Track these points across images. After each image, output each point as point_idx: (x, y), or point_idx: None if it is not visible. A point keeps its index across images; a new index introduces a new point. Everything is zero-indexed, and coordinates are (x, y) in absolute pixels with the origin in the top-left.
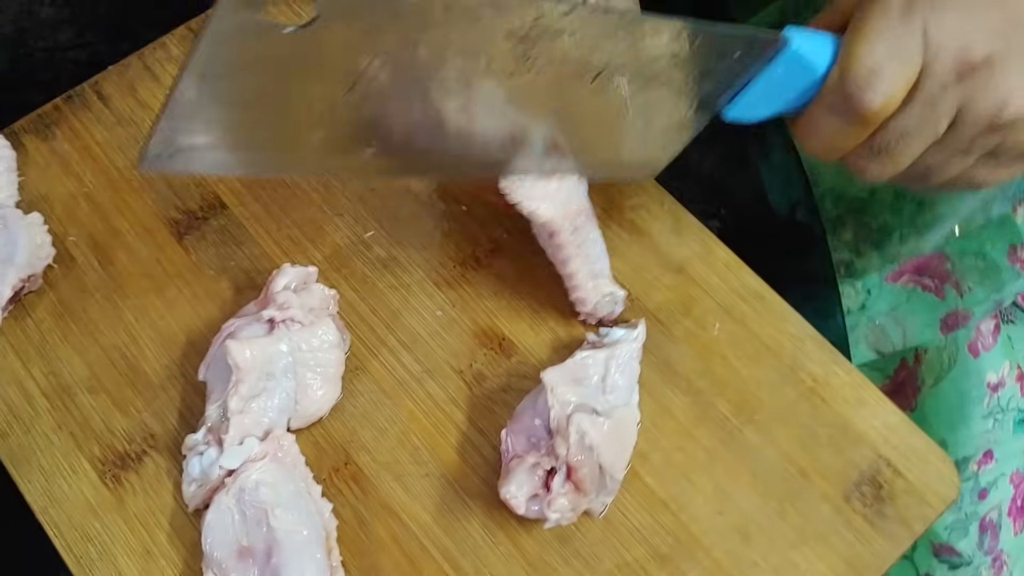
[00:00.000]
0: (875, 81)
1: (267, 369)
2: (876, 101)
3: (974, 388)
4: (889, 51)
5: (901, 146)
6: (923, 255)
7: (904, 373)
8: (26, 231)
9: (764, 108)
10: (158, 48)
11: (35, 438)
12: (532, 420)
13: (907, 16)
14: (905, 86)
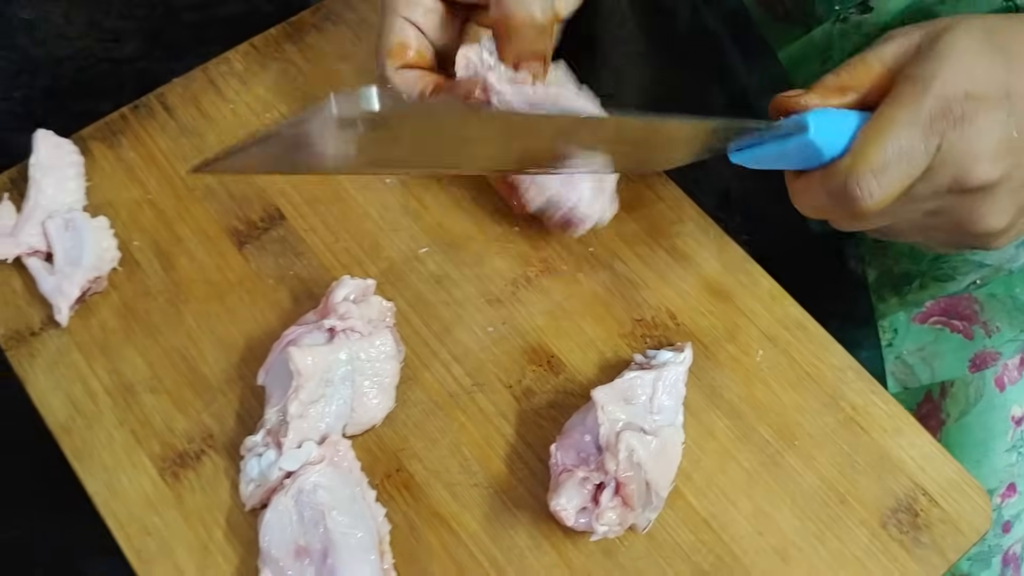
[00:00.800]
0: (877, 184)
1: (326, 376)
2: (870, 203)
3: (999, 422)
4: (902, 160)
5: (876, 219)
6: (950, 296)
7: (929, 406)
8: (93, 234)
9: (767, 165)
10: (222, 63)
11: (97, 434)
12: (582, 436)
13: (930, 131)
14: (901, 196)
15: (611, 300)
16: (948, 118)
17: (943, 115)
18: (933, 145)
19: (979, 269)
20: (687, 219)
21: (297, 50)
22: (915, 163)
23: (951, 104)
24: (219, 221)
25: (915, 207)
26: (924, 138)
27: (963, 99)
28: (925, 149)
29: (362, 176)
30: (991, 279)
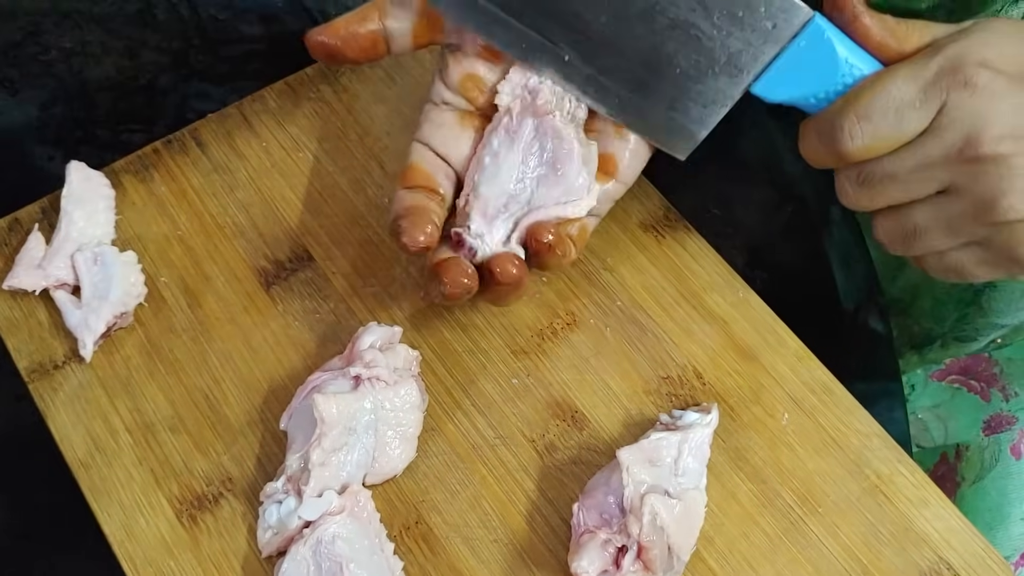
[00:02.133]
0: (859, 128)
1: (350, 424)
2: (849, 146)
3: (1015, 489)
4: (890, 110)
5: (883, 186)
6: (970, 355)
7: (944, 468)
8: (121, 269)
9: (785, 91)
10: (256, 100)
11: (116, 472)
12: (605, 497)
13: (931, 88)
14: (888, 146)
15: (637, 355)
16: (955, 78)
17: (950, 74)
18: (933, 104)
19: (1000, 329)
20: (715, 275)
21: (332, 90)
22: (905, 120)
23: (962, 66)
24: (247, 260)
25: (925, 175)
26: (921, 93)
27: (976, 65)
28: (921, 105)
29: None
30: (1012, 340)
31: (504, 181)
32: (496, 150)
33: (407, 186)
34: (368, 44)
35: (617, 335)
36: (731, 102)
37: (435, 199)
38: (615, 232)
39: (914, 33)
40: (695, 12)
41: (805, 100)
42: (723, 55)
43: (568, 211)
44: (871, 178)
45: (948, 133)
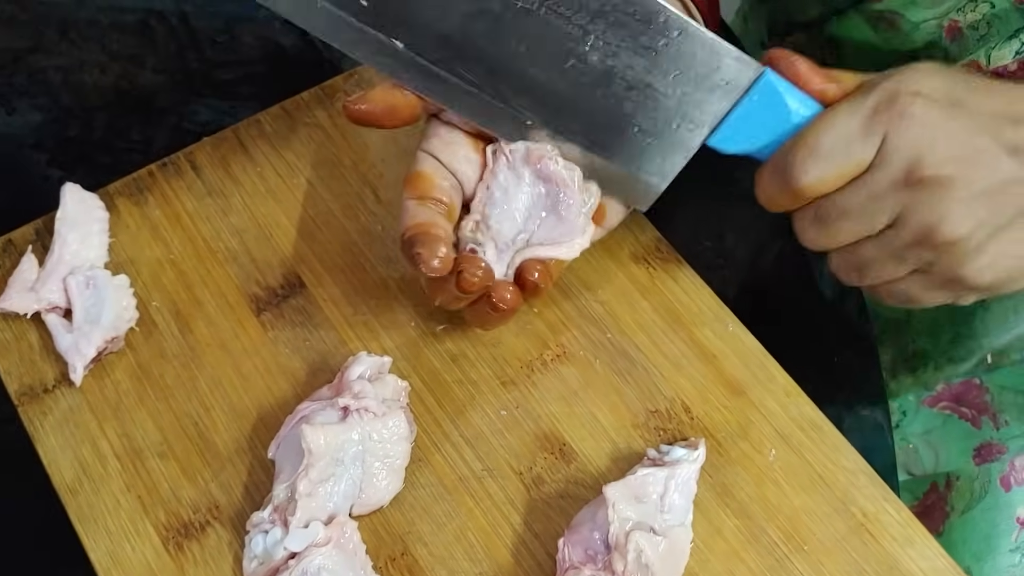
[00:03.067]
0: (811, 164)
1: (337, 455)
2: (803, 180)
3: (1003, 521)
4: (837, 144)
5: (838, 223)
6: (962, 382)
7: (934, 497)
8: (113, 293)
9: (740, 142)
10: (252, 125)
11: (104, 498)
12: (591, 532)
13: (872, 120)
14: (840, 179)
15: (626, 388)
16: (892, 110)
17: (886, 106)
18: (875, 136)
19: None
20: (705, 308)
21: (327, 116)
22: (852, 151)
23: (897, 98)
24: (239, 286)
25: (876, 206)
26: (863, 127)
27: (910, 94)
28: (864, 138)
29: (385, 247)
30: (1002, 362)
31: (514, 216)
32: (504, 185)
33: (415, 195)
34: (407, 112)
35: (607, 367)
36: (688, 156)
37: (443, 211)
38: (606, 264)
39: (850, 76)
40: (651, 74)
41: (760, 150)
42: (679, 113)
43: (562, 252)
44: (826, 216)
45: (893, 162)
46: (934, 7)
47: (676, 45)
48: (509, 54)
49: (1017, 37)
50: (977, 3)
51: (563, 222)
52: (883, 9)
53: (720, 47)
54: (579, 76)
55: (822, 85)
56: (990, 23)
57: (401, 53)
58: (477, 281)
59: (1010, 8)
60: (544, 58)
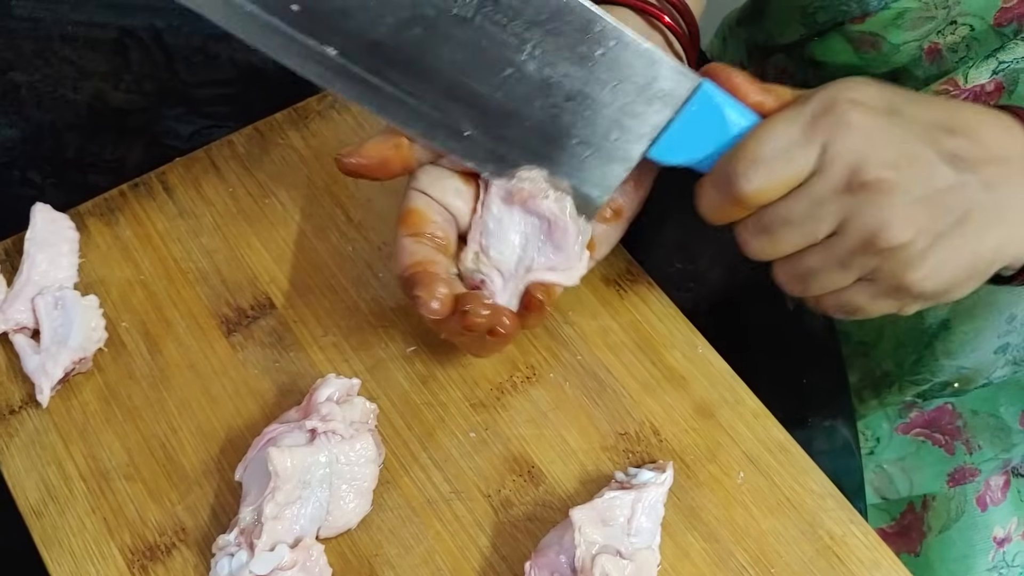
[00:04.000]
0: (752, 172)
1: (304, 478)
2: (746, 188)
3: (980, 540)
4: (778, 152)
5: (781, 232)
6: (935, 408)
7: (911, 517)
8: (82, 314)
9: (680, 153)
10: (225, 145)
11: (69, 520)
12: (557, 556)
13: (811, 128)
14: (782, 187)
15: (595, 411)
16: (830, 117)
17: (824, 114)
18: (815, 143)
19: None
20: (675, 331)
21: (300, 136)
22: (793, 159)
23: (834, 105)
24: (209, 307)
25: (818, 213)
26: (803, 134)
27: (847, 102)
28: (804, 146)
29: (356, 268)
30: (967, 387)
31: (512, 244)
32: (498, 216)
33: (409, 232)
34: (400, 166)
35: (576, 390)
36: (629, 167)
37: (439, 247)
38: (577, 286)
39: (785, 89)
40: (589, 84)
41: (699, 162)
42: (618, 124)
43: (562, 278)
44: (769, 225)
45: (834, 168)
46: (914, 29)
47: (613, 55)
48: (444, 62)
49: (994, 56)
50: (956, 25)
51: (560, 251)
52: (864, 31)
53: (657, 57)
54: (516, 86)
55: (759, 97)
56: (968, 45)
57: (332, 60)
58: (482, 321)
59: (988, 30)
60: (480, 67)
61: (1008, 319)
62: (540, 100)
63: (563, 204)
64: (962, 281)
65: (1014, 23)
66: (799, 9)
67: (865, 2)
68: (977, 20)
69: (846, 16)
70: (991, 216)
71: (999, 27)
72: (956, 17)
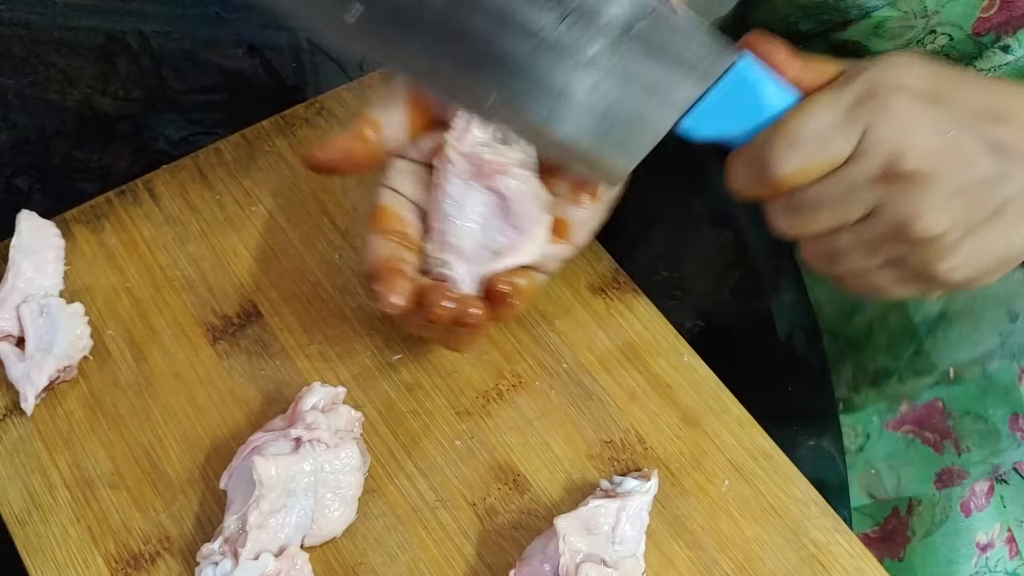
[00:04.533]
0: (789, 155)
1: (289, 486)
2: (781, 172)
3: (963, 546)
4: (817, 136)
5: (813, 213)
6: (925, 405)
7: (895, 522)
8: (67, 322)
9: (712, 127)
10: (211, 153)
11: (53, 529)
12: (542, 564)
13: (852, 113)
14: (818, 171)
15: (581, 419)
16: (873, 103)
17: (868, 99)
18: (855, 129)
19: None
20: (661, 339)
21: (287, 144)
22: (832, 144)
23: (877, 90)
24: (195, 315)
25: (853, 198)
26: (844, 119)
27: (891, 89)
28: (844, 131)
29: (342, 276)
30: (965, 373)
31: (472, 226)
32: (454, 196)
33: (377, 229)
34: (367, 158)
35: (562, 398)
36: (658, 138)
37: (406, 243)
38: (564, 294)
39: (829, 64)
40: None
41: (732, 137)
42: (651, 94)
43: (520, 257)
44: (801, 206)
45: (872, 155)
46: (895, 39)
47: (649, 26)
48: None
49: (973, 65)
50: (936, 35)
51: (519, 232)
52: (846, 39)
53: (694, 30)
54: (545, 52)
55: (799, 72)
56: (948, 54)
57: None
58: (445, 314)
59: (966, 39)
60: (511, 30)
61: (1011, 316)
62: (566, 66)
63: (525, 181)
64: (992, 271)
65: (992, 32)
66: (782, 18)
67: (845, 11)
68: (956, 29)
69: (827, 25)
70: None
71: (977, 36)
72: (935, 27)
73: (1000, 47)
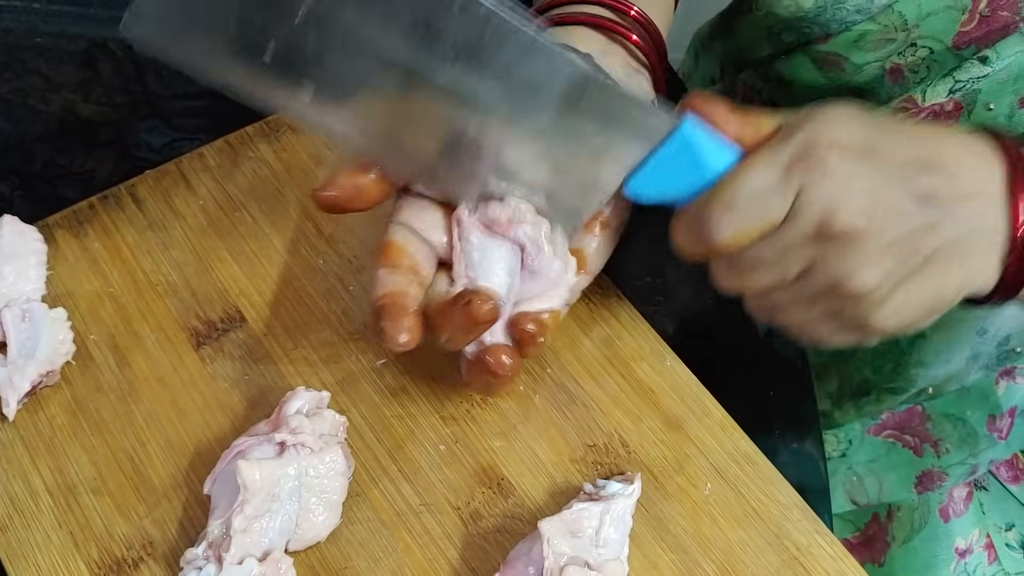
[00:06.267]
0: (727, 220)
1: (273, 491)
2: (720, 237)
3: (943, 551)
4: (753, 199)
5: (752, 273)
6: (905, 410)
7: (875, 527)
8: (50, 326)
9: (656, 189)
10: (195, 158)
11: (35, 534)
12: (526, 568)
13: (787, 174)
14: (755, 233)
15: (564, 423)
16: (807, 162)
17: (803, 158)
18: (790, 190)
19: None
20: (644, 344)
21: (271, 150)
22: (767, 206)
23: (812, 150)
24: (179, 320)
25: (789, 257)
26: (779, 181)
27: (825, 146)
28: (779, 193)
29: (327, 281)
30: (943, 391)
31: (500, 273)
32: (480, 246)
33: (386, 264)
34: (376, 195)
35: (546, 402)
36: (603, 201)
37: (415, 280)
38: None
39: (767, 119)
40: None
41: (679, 198)
42: (595, 160)
43: (547, 303)
44: (741, 266)
45: (806, 215)
46: (876, 50)
47: (595, 101)
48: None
49: (951, 75)
50: (916, 47)
51: (540, 277)
52: (828, 51)
53: (638, 99)
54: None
55: (739, 130)
56: (929, 66)
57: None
58: (486, 312)
59: (946, 52)
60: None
61: (979, 331)
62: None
63: (540, 228)
64: (924, 316)
65: (972, 46)
66: (766, 29)
67: (827, 24)
68: (936, 43)
69: (809, 37)
70: (958, 253)
71: (957, 49)
72: (916, 39)
73: (979, 59)
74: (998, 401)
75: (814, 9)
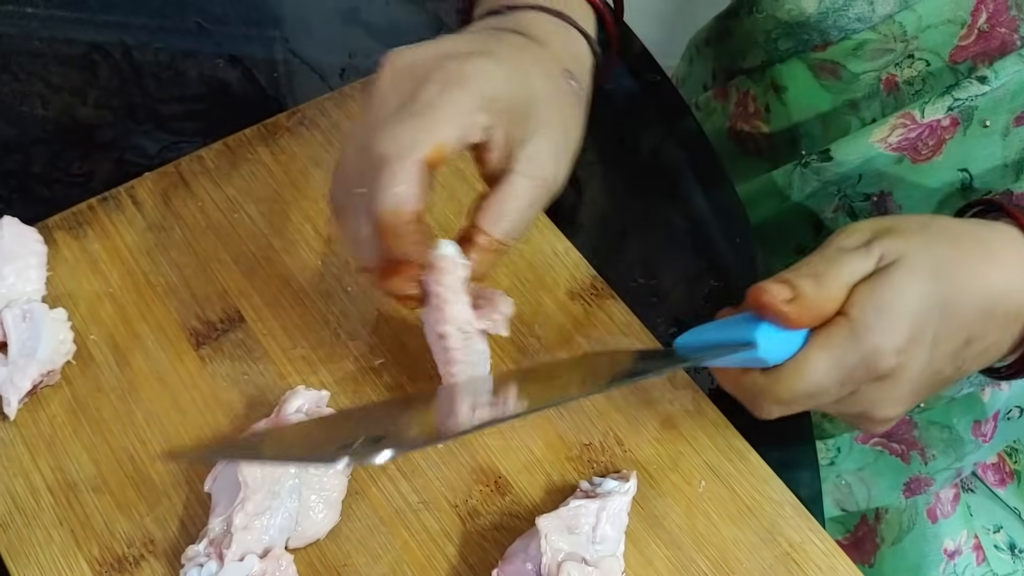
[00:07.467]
0: (779, 411)
1: (274, 488)
2: (768, 416)
3: (932, 552)
4: (807, 397)
5: (797, 406)
6: None
7: (864, 529)
8: (50, 326)
9: (709, 358)
10: (194, 160)
11: (36, 532)
12: (524, 564)
13: (848, 379)
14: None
15: (560, 422)
16: (870, 373)
17: (865, 369)
18: (847, 390)
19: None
20: (639, 344)
21: (269, 152)
22: (822, 400)
23: (878, 361)
24: (178, 320)
25: (824, 409)
26: (839, 384)
27: (892, 354)
28: (837, 392)
29: (325, 282)
30: (933, 405)
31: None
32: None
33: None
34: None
35: None
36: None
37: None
38: (543, 300)
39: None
40: None
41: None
42: None
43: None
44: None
45: (846, 405)
46: (873, 60)
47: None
48: None
49: (949, 93)
50: (913, 60)
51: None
52: (825, 59)
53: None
54: None
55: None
56: (924, 80)
57: None
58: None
59: (943, 67)
60: None
61: None
62: None
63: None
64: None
65: (968, 61)
66: (762, 34)
67: (827, 31)
68: (933, 56)
69: (807, 44)
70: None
71: (954, 64)
72: (913, 51)
73: (977, 78)
74: (983, 408)
75: (815, 15)
